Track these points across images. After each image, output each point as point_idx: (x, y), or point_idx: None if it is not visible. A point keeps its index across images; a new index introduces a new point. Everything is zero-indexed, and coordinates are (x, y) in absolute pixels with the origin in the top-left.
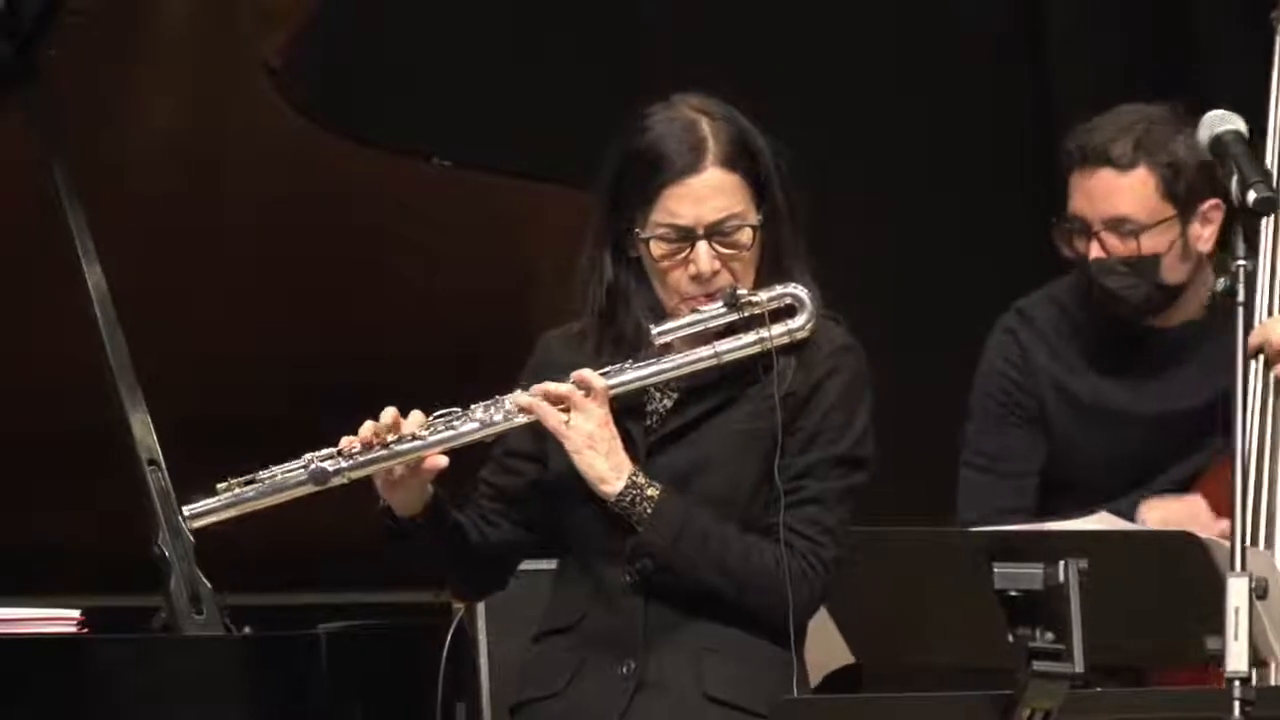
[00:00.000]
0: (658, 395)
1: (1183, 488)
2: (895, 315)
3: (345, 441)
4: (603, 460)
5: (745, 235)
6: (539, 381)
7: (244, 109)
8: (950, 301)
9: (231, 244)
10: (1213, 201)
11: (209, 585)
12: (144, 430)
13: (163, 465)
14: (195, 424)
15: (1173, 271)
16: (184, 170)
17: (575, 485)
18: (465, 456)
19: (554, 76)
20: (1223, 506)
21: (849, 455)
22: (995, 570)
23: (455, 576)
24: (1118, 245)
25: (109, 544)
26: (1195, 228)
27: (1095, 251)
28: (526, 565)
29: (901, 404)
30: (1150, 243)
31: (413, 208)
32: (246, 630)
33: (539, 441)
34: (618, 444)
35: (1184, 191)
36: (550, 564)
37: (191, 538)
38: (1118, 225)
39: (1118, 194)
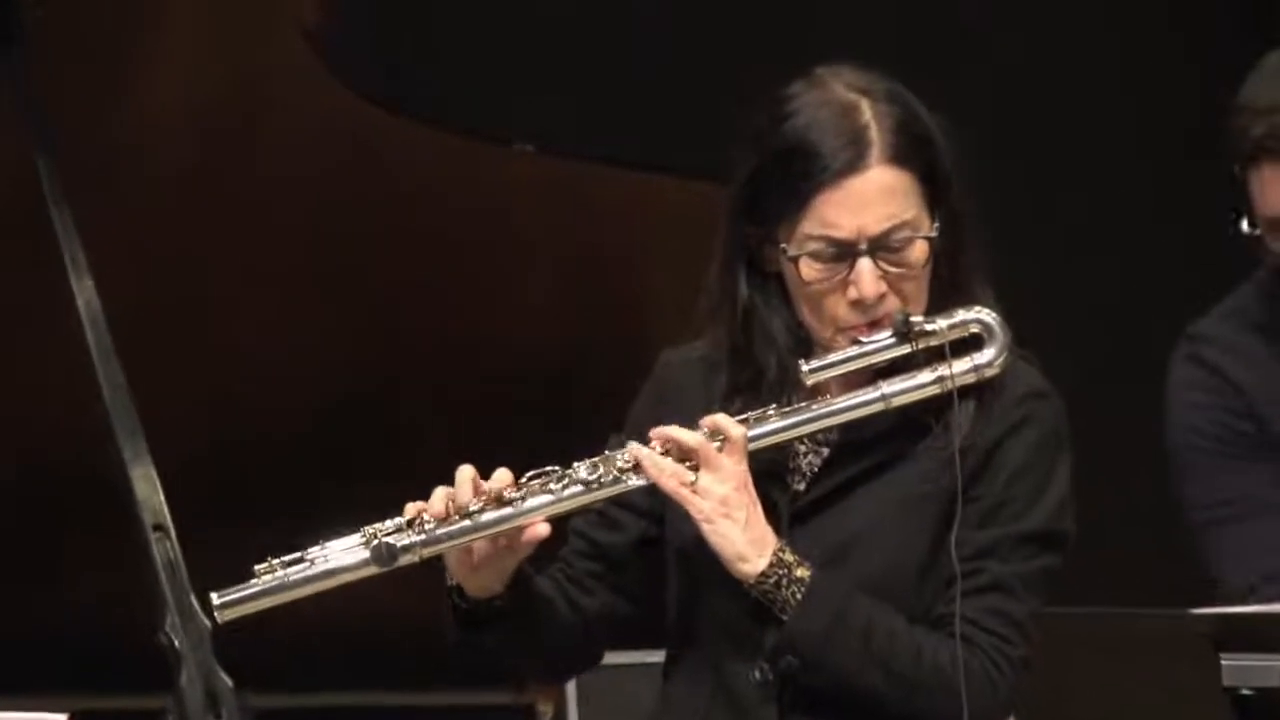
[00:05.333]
0: (803, 450)
1: None
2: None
3: (414, 509)
4: (740, 532)
5: (919, 250)
6: (658, 412)
7: (278, 79)
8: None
9: (267, 245)
10: None
11: (229, 682)
12: (148, 487)
13: (171, 532)
14: (218, 475)
15: None
16: (208, 154)
17: (701, 558)
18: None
19: (654, 42)
20: None
21: (1040, 532)
22: (1223, 662)
23: (536, 660)
24: None
25: (105, 629)
26: None
27: None
28: (625, 659)
29: (1094, 458)
30: None
31: (489, 201)
32: None
33: (653, 493)
34: (758, 511)
35: None
36: (654, 655)
37: (208, 623)
38: None
39: None
